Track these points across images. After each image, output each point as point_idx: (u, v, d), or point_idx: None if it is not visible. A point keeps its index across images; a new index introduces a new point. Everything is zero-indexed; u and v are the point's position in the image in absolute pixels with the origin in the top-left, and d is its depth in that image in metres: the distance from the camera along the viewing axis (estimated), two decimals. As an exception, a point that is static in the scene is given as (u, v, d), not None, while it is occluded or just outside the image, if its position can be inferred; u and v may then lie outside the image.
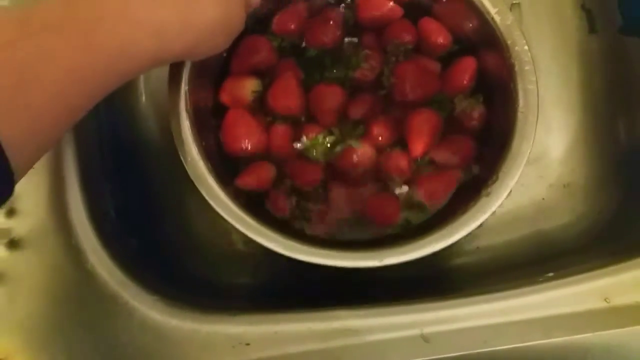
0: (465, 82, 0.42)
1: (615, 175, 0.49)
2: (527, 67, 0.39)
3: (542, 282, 0.36)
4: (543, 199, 0.49)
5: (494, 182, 0.37)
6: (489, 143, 0.42)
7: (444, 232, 0.36)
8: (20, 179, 0.23)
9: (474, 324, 0.35)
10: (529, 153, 0.37)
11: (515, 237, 0.48)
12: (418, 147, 0.41)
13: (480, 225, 0.37)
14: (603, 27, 0.50)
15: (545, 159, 0.50)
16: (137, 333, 0.36)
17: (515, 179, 0.37)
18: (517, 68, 0.39)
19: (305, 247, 0.36)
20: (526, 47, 0.39)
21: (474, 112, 0.42)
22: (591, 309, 0.35)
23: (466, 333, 0.35)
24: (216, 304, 0.40)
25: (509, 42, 0.39)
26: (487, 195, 0.37)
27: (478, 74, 0.43)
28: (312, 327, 0.36)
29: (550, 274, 0.37)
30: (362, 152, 0.42)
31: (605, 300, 0.35)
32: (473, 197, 0.37)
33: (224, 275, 0.47)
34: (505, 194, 0.37)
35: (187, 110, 0.38)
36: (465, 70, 0.42)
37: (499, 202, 0.36)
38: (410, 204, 0.42)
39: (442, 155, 0.42)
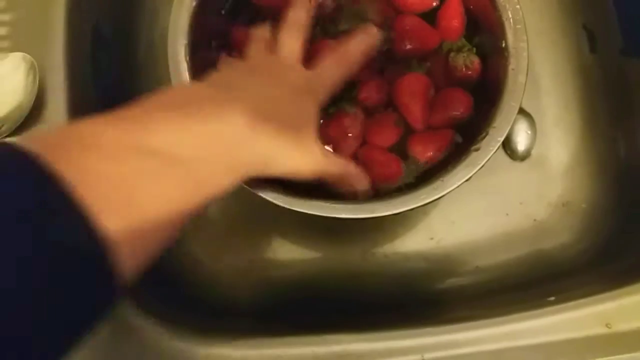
0: (456, 24, 0.43)
1: (615, 195, 0.49)
2: (518, 26, 0.39)
3: (543, 306, 0.36)
4: (542, 218, 0.49)
5: (484, 137, 0.37)
6: (479, 99, 0.42)
7: (434, 185, 0.36)
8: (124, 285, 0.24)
9: (474, 350, 0.35)
10: (517, 110, 0.38)
11: (514, 257, 0.48)
12: (418, 122, 0.42)
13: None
14: (604, 47, 0.50)
15: (545, 177, 0.50)
16: (133, 355, 0.36)
17: (505, 134, 0.37)
18: (508, 26, 0.39)
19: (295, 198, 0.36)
20: (518, 6, 0.39)
21: (470, 63, 0.43)
22: (592, 335, 0.35)
23: (467, 359, 0.35)
24: (215, 326, 0.40)
25: (501, 0, 0.40)
26: (477, 150, 0.37)
27: (471, 29, 0.43)
28: (315, 351, 0.36)
29: (552, 298, 0.37)
30: (353, 116, 0.42)
31: (606, 325, 0.35)
32: (463, 152, 0.38)
33: (223, 297, 0.47)
34: (495, 149, 0.37)
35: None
36: (454, 14, 0.43)
37: (489, 156, 0.37)
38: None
39: (438, 118, 0.42)
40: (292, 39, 0.39)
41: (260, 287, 0.47)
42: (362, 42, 0.40)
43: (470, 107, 0.42)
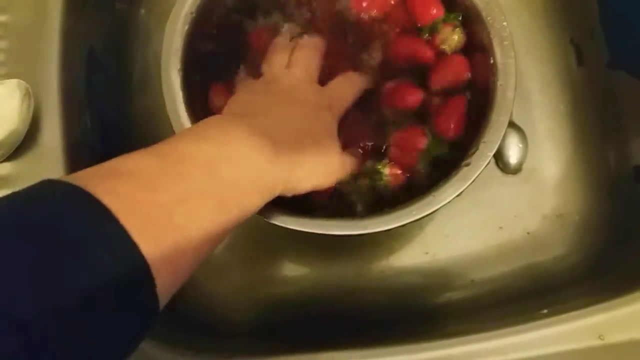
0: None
1: (608, 206, 0.49)
2: (505, 42, 0.40)
3: (536, 319, 0.36)
4: (536, 230, 0.49)
5: (474, 152, 0.38)
6: (469, 114, 0.42)
7: (426, 200, 0.37)
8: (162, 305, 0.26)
9: (470, 365, 0.35)
10: (506, 125, 0.38)
11: (509, 270, 0.48)
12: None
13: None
14: (591, 61, 0.51)
15: (538, 190, 0.50)
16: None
17: (495, 149, 0.38)
18: (496, 43, 0.40)
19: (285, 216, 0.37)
20: (505, 23, 0.40)
21: (455, 35, 0.43)
22: (586, 347, 0.35)
23: (462, 373, 0.35)
24: (211, 345, 0.40)
25: (488, 18, 0.41)
26: (467, 165, 0.38)
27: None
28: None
29: (545, 311, 0.37)
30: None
31: (599, 337, 0.35)
32: (453, 167, 0.38)
33: (219, 316, 0.47)
34: (485, 164, 0.37)
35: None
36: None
37: (479, 171, 0.37)
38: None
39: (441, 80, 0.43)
40: (306, 59, 0.40)
41: (256, 306, 0.48)
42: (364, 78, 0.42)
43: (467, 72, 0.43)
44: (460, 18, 0.43)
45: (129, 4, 0.53)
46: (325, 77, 0.41)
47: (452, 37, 0.43)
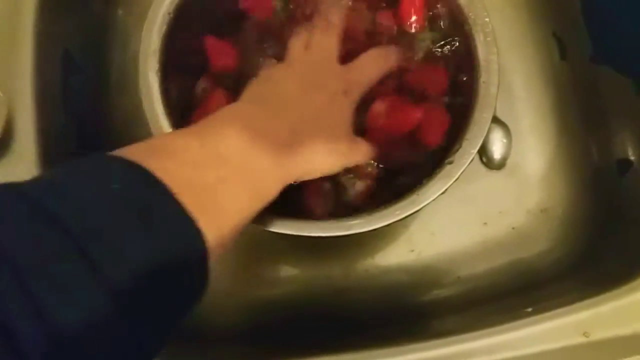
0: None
1: (592, 201, 0.49)
2: (488, 39, 0.40)
3: (521, 317, 0.36)
4: (521, 226, 0.49)
5: (457, 150, 0.38)
6: (451, 111, 0.42)
7: (410, 199, 0.37)
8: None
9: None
10: (489, 122, 0.38)
11: (495, 266, 0.48)
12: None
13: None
14: (574, 55, 0.51)
15: (522, 185, 0.50)
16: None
17: (478, 146, 0.38)
18: (478, 40, 0.40)
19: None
20: (487, 19, 0.40)
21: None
22: (571, 345, 0.35)
23: (449, 374, 0.35)
24: (196, 350, 0.39)
25: (470, 14, 0.40)
26: (451, 163, 0.38)
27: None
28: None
29: (529, 309, 0.37)
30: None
31: (584, 334, 0.35)
32: (437, 165, 0.38)
33: (206, 320, 0.46)
34: (468, 161, 0.37)
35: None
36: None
37: (463, 169, 0.37)
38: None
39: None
40: (326, 39, 0.40)
41: (242, 309, 0.47)
42: (397, 52, 0.41)
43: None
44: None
45: (106, 4, 0.52)
46: (348, 54, 0.40)
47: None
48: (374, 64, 0.40)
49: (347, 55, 0.40)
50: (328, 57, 0.39)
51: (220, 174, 0.28)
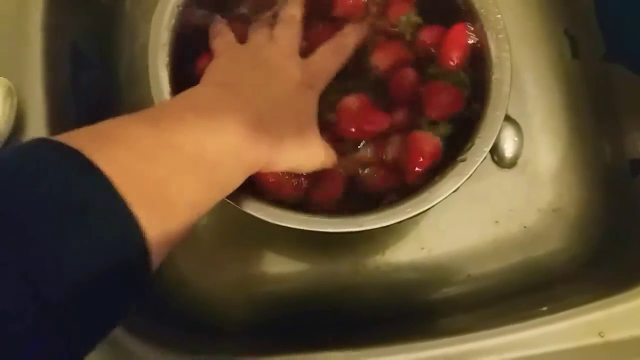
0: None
1: (604, 199, 0.49)
2: (500, 36, 0.40)
3: (535, 317, 0.36)
4: (532, 224, 0.49)
5: (470, 147, 0.37)
6: (465, 109, 0.41)
7: (422, 196, 0.36)
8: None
9: (469, 364, 0.35)
10: (502, 120, 0.38)
11: (506, 265, 0.48)
12: None
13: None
14: (586, 53, 0.50)
15: (534, 183, 0.50)
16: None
17: (491, 144, 0.37)
18: (490, 37, 0.40)
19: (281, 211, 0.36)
20: (499, 16, 0.39)
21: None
22: (586, 345, 0.35)
23: (461, 373, 0.35)
24: (204, 344, 0.39)
25: (482, 11, 0.40)
26: (463, 161, 0.37)
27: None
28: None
29: (544, 308, 0.37)
30: None
31: (600, 334, 0.35)
32: (449, 163, 0.38)
33: (212, 315, 0.46)
34: (481, 159, 0.37)
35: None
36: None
37: (475, 167, 0.37)
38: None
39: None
40: (288, 32, 0.39)
41: (249, 304, 0.47)
42: (356, 33, 0.41)
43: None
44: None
45: (114, -4, 0.52)
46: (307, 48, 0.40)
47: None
48: (333, 54, 0.40)
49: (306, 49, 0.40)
50: (289, 50, 0.39)
51: (173, 165, 0.26)
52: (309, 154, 0.35)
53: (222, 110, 0.30)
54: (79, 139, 0.24)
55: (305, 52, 0.40)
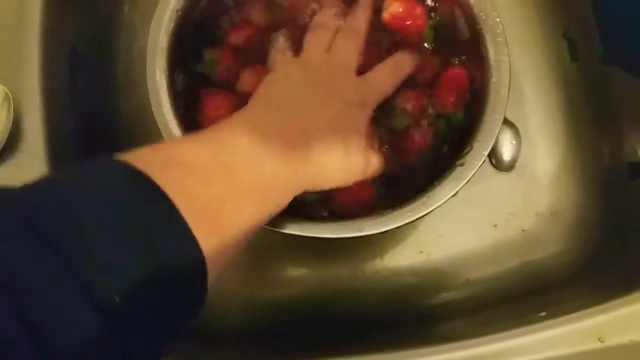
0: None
1: (603, 202, 0.49)
2: (499, 39, 0.40)
3: (534, 322, 0.36)
4: (531, 228, 0.49)
5: (468, 151, 0.37)
6: (464, 112, 0.42)
7: (421, 201, 0.36)
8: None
9: (468, 370, 0.35)
10: (501, 123, 0.38)
11: (504, 269, 0.48)
12: None
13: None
14: (584, 56, 0.50)
15: (532, 187, 0.50)
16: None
17: (489, 148, 0.37)
18: (489, 40, 0.40)
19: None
20: (498, 19, 0.39)
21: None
22: (586, 350, 0.35)
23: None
24: (204, 350, 0.39)
25: (481, 14, 0.40)
26: (462, 165, 0.37)
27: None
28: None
29: (543, 314, 0.36)
30: None
31: (599, 339, 0.35)
32: (448, 167, 0.38)
33: (212, 321, 0.46)
34: (480, 163, 0.37)
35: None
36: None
37: (474, 171, 0.37)
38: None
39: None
40: (349, 44, 0.38)
41: (249, 310, 0.47)
42: (413, 58, 0.40)
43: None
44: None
45: (112, 1, 0.51)
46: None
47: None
48: (390, 74, 0.39)
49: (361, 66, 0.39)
50: (347, 65, 0.38)
51: (230, 188, 0.27)
52: (354, 172, 0.36)
53: (275, 133, 0.31)
54: (144, 159, 0.25)
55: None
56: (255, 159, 0.29)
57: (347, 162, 0.35)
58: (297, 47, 0.40)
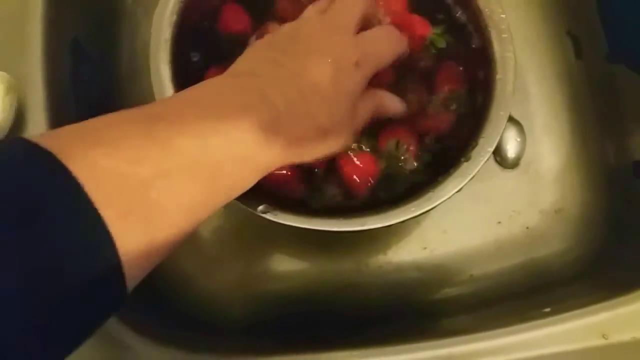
0: None
1: (607, 200, 0.49)
2: (504, 35, 0.39)
3: (539, 318, 0.36)
4: (535, 225, 0.49)
5: (474, 147, 0.37)
6: (469, 109, 0.41)
7: (426, 196, 0.36)
8: (131, 288, 0.24)
9: (472, 364, 0.35)
10: (506, 120, 0.38)
11: (508, 265, 0.47)
12: None
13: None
14: (589, 53, 0.50)
15: (536, 184, 0.50)
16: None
17: (494, 144, 0.37)
18: (494, 36, 0.39)
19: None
20: (503, 16, 0.39)
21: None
22: (590, 347, 0.35)
23: (464, 374, 0.35)
24: (207, 343, 0.39)
25: (486, 10, 0.40)
26: (467, 160, 0.37)
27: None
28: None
29: (547, 310, 0.36)
30: None
31: (603, 336, 0.35)
32: (453, 162, 0.37)
33: (215, 313, 0.46)
34: (485, 159, 0.37)
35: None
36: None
37: (479, 167, 0.36)
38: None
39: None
40: (349, 4, 0.35)
41: (252, 302, 0.47)
42: (403, 37, 0.37)
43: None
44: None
45: (115, -8, 0.51)
46: None
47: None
48: (389, 40, 0.35)
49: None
50: (345, 25, 0.34)
51: (164, 167, 0.24)
52: (335, 144, 0.32)
53: (230, 108, 0.27)
54: (59, 139, 0.22)
55: None
56: (198, 135, 0.25)
57: (328, 135, 0.31)
58: None
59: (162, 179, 0.24)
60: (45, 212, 0.20)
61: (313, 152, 0.32)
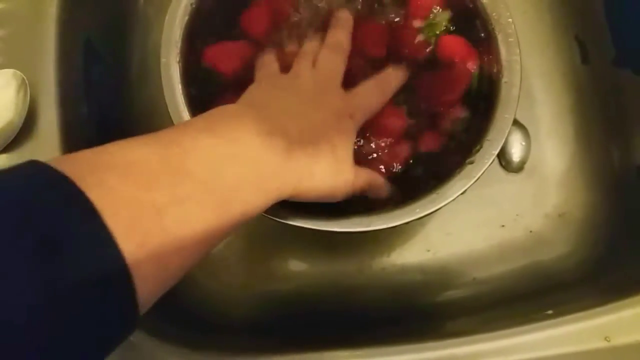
0: None
1: (611, 205, 0.49)
2: (510, 39, 0.40)
3: (541, 320, 0.36)
4: (538, 229, 0.49)
5: (478, 150, 0.37)
6: (473, 112, 0.41)
7: (430, 198, 0.36)
8: (143, 312, 0.24)
9: (474, 365, 0.35)
10: (511, 123, 0.38)
11: (511, 269, 0.48)
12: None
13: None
14: (596, 58, 0.50)
15: (540, 188, 0.50)
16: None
17: (499, 147, 0.37)
18: (501, 40, 0.40)
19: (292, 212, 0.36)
20: (510, 20, 0.40)
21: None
22: (592, 349, 0.35)
23: (467, 375, 0.35)
24: (211, 343, 0.39)
25: (493, 14, 0.40)
26: (471, 163, 0.37)
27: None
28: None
29: (550, 312, 0.37)
30: None
31: (605, 339, 0.35)
32: (457, 165, 0.38)
33: (219, 313, 0.46)
34: (489, 162, 0.37)
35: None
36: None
37: (483, 169, 0.37)
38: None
39: None
40: (333, 58, 0.38)
41: (254, 302, 0.47)
42: (400, 75, 0.39)
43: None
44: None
45: (128, -7, 0.52)
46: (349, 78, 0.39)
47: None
48: (375, 90, 0.38)
49: (348, 78, 0.39)
50: (334, 78, 0.37)
51: (175, 191, 0.24)
52: (342, 181, 0.33)
53: (247, 133, 0.28)
54: (75, 164, 0.23)
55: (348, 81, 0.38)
56: (213, 160, 0.26)
57: (335, 172, 0.32)
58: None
59: (176, 205, 0.24)
60: (62, 242, 0.20)
61: (325, 186, 0.32)
